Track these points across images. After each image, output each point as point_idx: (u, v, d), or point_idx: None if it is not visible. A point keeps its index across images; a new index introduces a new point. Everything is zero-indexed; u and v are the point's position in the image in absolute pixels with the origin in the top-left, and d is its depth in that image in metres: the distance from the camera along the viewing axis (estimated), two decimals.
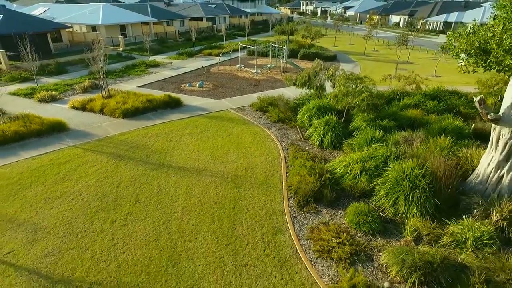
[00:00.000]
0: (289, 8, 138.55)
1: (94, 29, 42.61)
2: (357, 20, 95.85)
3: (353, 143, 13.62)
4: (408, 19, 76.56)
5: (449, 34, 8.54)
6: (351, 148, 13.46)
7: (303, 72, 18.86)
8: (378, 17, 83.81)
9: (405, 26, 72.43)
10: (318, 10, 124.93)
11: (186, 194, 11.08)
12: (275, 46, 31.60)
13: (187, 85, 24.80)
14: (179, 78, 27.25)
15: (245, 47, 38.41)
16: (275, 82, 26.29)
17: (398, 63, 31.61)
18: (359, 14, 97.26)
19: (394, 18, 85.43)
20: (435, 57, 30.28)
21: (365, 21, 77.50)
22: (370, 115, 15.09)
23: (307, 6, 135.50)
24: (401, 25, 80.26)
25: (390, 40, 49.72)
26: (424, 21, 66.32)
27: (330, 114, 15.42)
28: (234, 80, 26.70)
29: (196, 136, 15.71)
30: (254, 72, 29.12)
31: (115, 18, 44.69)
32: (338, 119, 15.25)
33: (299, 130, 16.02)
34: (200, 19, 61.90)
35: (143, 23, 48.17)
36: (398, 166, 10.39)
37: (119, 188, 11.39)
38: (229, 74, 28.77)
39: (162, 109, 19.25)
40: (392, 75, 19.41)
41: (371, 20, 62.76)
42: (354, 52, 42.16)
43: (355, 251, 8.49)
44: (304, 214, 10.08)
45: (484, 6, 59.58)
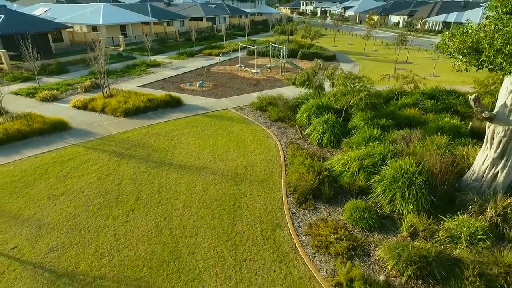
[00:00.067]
0: (289, 8, 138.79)
1: (95, 29, 42.80)
2: (356, 20, 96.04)
3: (351, 142, 13.80)
4: (407, 19, 76.79)
5: (443, 34, 8.75)
6: (350, 146, 13.64)
7: (303, 71, 19.06)
8: (377, 17, 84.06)
9: (404, 26, 72.66)
10: (318, 10, 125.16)
11: (187, 191, 11.27)
12: (275, 46, 31.77)
13: (188, 84, 24.99)
14: (180, 77, 27.45)
15: (245, 47, 38.61)
16: (275, 81, 26.48)
17: (397, 63, 31.80)
18: (359, 14, 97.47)
19: (394, 18, 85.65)
20: (434, 57, 30.48)
21: (364, 21, 77.69)
22: (368, 114, 15.29)
23: (307, 6, 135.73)
24: (400, 25, 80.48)
25: (389, 40, 49.91)
26: (423, 21, 66.50)
27: (329, 113, 15.61)
28: (234, 79, 26.90)
29: (196, 134, 15.90)
30: (254, 71, 29.32)
31: (116, 18, 44.89)
32: (337, 118, 15.44)
33: (298, 129, 16.21)
34: (200, 19, 62.10)
35: (144, 23, 48.35)
36: (395, 163, 10.58)
37: (121, 185, 11.59)
38: (229, 73, 28.96)
39: (162, 108, 19.45)
40: (390, 75, 19.57)
41: (371, 20, 62.96)
42: (354, 52, 42.35)
43: (353, 246, 8.68)
44: (302, 211, 10.27)
45: (483, 6, 59.83)
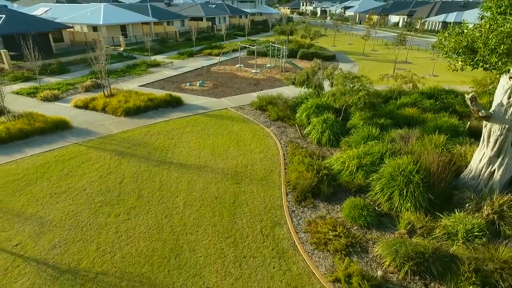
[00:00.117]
0: (288, 8, 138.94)
1: (95, 29, 42.92)
2: (356, 20, 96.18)
3: (350, 141, 13.93)
4: (407, 19, 76.90)
5: (439, 34, 8.90)
6: (348, 145, 13.77)
7: (302, 71, 19.19)
8: (377, 17, 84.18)
9: (404, 26, 72.76)
10: (318, 10, 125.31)
11: (188, 189, 11.40)
12: (275, 46, 31.90)
13: (188, 84, 25.11)
14: (180, 77, 27.57)
15: (245, 47, 38.73)
16: (275, 81, 26.61)
17: (396, 63, 31.92)
18: (359, 14, 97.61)
19: (393, 18, 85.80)
20: (433, 57, 30.58)
21: (364, 21, 77.84)
22: (367, 114, 15.41)
23: (307, 6, 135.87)
24: (400, 25, 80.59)
25: (388, 40, 50.03)
26: (422, 21, 66.64)
27: (328, 113, 15.74)
28: (234, 79, 27.02)
29: (197, 134, 16.03)
30: (253, 71, 29.44)
31: (116, 18, 45.01)
32: (336, 117, 15.57)
33: (298, 128, 16.33)
34: (200, 19, 62.22)
35: (144, 23, 48.47)
36: (393, 162, 10.71)
37: (122, 183, 11.72)
38: (229, 73, 29.08)
39: (163, 107, 19.58)
40: (389, 75, 19.71)
41: (370, 20, 63.08)
42: (353, 52, 42.48)
43: (351, 243, 8.82)
44: (302, 209, 10.40)
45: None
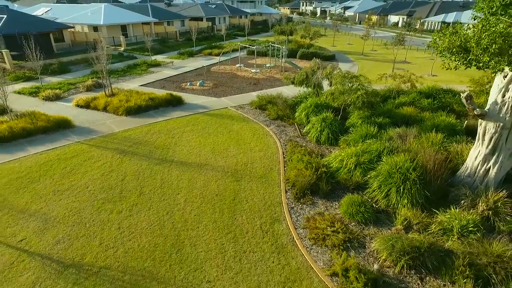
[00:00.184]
0: (288, 8, 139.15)
1: (96, 29, 43.11)
2: (356, 20, 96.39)
3: (348, 139, 14.13)
4: (406, 19, 77.10)
5: (434, 34, 9.10)
6: (347, 143, 13.97)
7: (301, 71, 19.38)
8: (376, 17, 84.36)
9: (403, 26, 72.96)
10: (318, 10, 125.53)
11: (188, 187, 11.59)
12: (275, 46, 32.09)
13: (188, 84, 25.31)
14: (180, 77, 27.77)
15: (244, 47, 38.93)
16: (274, 81, 26.80)
17: (395, 63, 32.12)
18: (358, 14, 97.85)
19: (393, 18, 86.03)
20: (432, 56, 30.80)
21: (364, 21, 78.07)
22: (365, 113, 15.60)
23: (307, 6, 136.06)
24: (399, 25, 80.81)
25: (388, 40, 50.22)
26: (422, 21, 66.82)
27: (327, 112, 15.94)
28: (234, 79, 27.22)
29: (197, 132, 16.22)
30: (253, 71, 29.64)
31: (117, 18, 45.20)
32: (335, 116, 15.75)
33: (297, 127, 16.53)
34: (200, 19, 62.43)
35: (144, 23, 48.66)
36: (390, 160, 10.91)
37: (124, 181, 11.91)
38: (229, 73, 29.28)
39: (164, 107, 19.77)
40: (388, 74, 19.89)
41: (369, 20, 63.28)
42: (353, 52, 42.68)
43: (349, 239, 9.00)
44: (300, 205, 10.59)
45: None
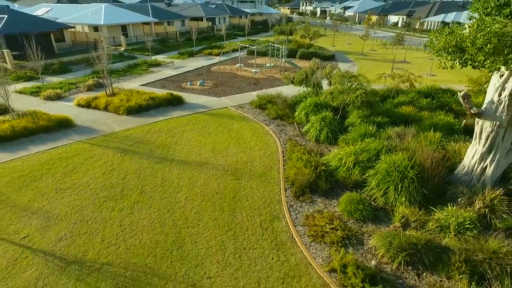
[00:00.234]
0: (288, 8, 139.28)
1: (96, 29, 43.23)
2: (356, 20, 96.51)
3: (347, 138, 14.25)
4: (406, 19, 77.23)
5: (430, 33, 9.24)
6: (346, 142, 14.09)
7: (301, 70, 19.51)
8: (376, 17, 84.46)
9: (403, 26, 73.09)
10: (318, 10, 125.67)
11: (189, 185, 11.72)
12: (274, 46, 32.21)
13: (188, 83, 25.43)
14: (180, 77, 27.90)
15: (244, 47, 39.06)
16: (274, 80, 26.93)
17: (394, 63, 32.25)
18: (358, 14, 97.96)
19: (393, 18, 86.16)
20: (431, 56, 30.90)
21: (364, 21, 78.25)
22: (364, 112, 15.72)
23: (307, 6, 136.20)
24: (399, 25, 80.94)
25: (387, 40, 50.35)
26: (422, 21, 66.95)
27: (326, 111, 16.06)
28: (234, 79, 27.35)
29: (197, 132, 16.35)
30: (253, 71, 29.76)
31: (117, 18, 45.33)
32: (334, 116, 15.88)
33: (297, 126, 16.66)
34: (200, 19, 62.55)
35: (144, 23, 48.78)
36: (389, 158, 11.03)
37: (125, 179, 12.04)
38: (229, 73, 29.40)
39: (164, 106, 19.90)
40: (387, 74, 20.01)
41: (369, 20, 63.43)
42: (352, 51, 42.81)
43: (347, 236, 9.14)
44: (300, 203, 10.72)
45: None
